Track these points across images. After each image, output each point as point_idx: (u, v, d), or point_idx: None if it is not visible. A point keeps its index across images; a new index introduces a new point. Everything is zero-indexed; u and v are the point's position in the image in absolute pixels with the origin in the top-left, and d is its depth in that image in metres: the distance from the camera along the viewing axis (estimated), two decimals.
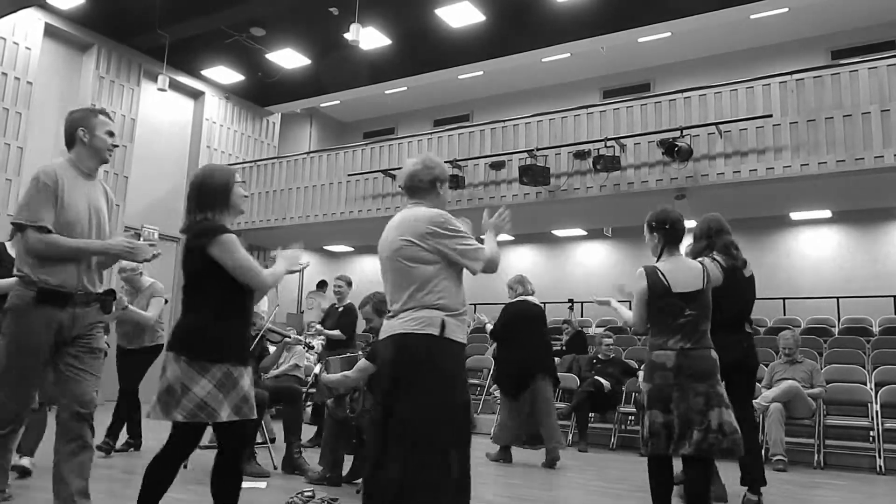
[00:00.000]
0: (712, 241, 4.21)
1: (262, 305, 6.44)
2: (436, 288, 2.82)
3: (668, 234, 3.54)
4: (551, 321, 12.35)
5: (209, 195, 2.83)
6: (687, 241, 3.78)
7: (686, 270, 3.49)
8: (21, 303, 2.92)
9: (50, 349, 2.95)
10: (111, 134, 3.20)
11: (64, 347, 2.97)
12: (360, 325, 13.25)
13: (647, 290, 3.45)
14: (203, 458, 5.46)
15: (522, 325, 6.32)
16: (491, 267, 2.94)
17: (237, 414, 2.70)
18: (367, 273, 16.46)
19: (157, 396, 2.69)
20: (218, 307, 2.73)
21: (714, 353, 3.44)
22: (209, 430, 4.36)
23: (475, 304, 13.12)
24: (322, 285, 13.68)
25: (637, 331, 3.59)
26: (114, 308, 4.36)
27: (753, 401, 6.57)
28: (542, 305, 6.74)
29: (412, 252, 2.83)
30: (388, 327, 2.88)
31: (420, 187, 2.99)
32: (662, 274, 3.44)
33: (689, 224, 4.49)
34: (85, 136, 3.14)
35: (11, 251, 4.02)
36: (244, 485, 4.54)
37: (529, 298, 6.42)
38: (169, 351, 2.72)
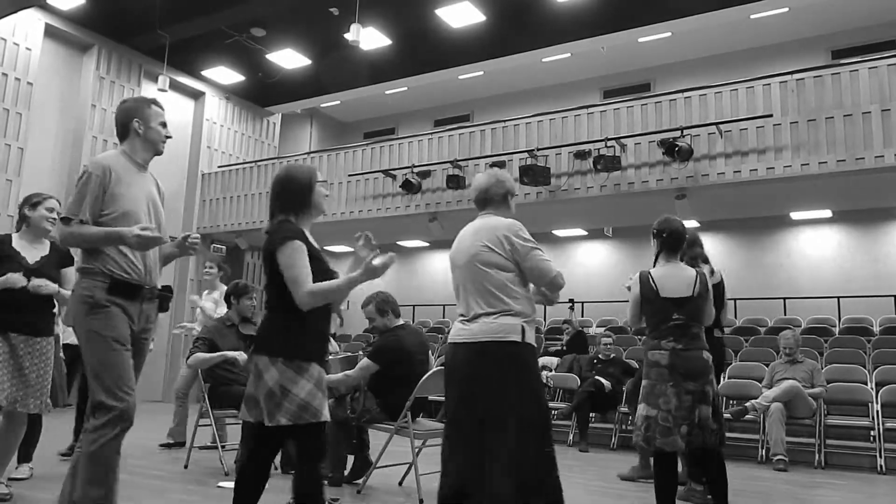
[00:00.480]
0: (683, 253, 4.43)
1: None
2: (512, 293, 3.00)
3: (665, 242, 3.79)
4: (552, 321, 12.38)
5: (292, 195, 2.81)
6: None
7: (678, 277, 3.72)
8: (94, 294, 2.80)
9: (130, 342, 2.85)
10: (164, 125, 3.13)
11: None
12: (362, 325, 13.15)
13: (639, 295, 3.74)
14: (203, 459, 5.47)
15: None
16: (557, 285, 3.09)
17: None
18: None
19: (261, 401, 2.63)
20: (295, 307, 2.69)
21: (707, 354, 3.67)
22: (205, 432, 4.32)
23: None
24: None
25: (631, 327, 3.83)
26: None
27: (754, 400, 6.66)
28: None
29: (489, 257, 3.02)
30: (466, 332, 3.01)
31: (494, 199, 3.26)
32: (653, 280, 3.71)
33: (691, 224, 4.54)
34: (140, 128, 3.05)
35: (17, 245, 3.85)
36: None
37: None
38: (260, 354, 2.68)
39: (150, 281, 2.97)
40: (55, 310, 3.99)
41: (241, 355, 5.08)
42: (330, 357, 5.01)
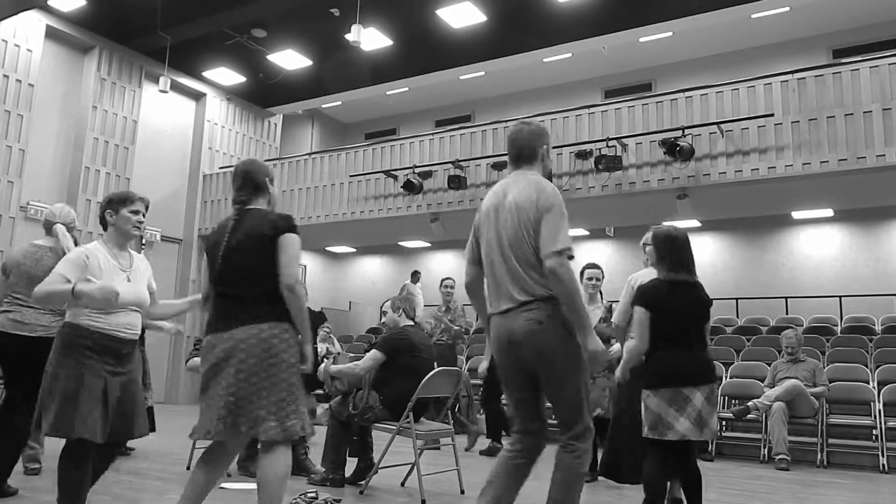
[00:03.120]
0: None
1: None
2: None
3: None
4: None
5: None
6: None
7: None
8: (566, 325, 2.78)
9: None
10: None
11: None
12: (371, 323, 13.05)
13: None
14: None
15: None
16: None
17: None
18: (368, 274, 16.49)
19: (692, 422, 3.32)
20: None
21: None
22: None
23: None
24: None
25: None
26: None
27: (756, 400, 6.67)
28: None
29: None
30: None
31: None
32: None
33: (691, 224, 4.55)
34: (545, 157, 2.89)
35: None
36: (246, 486, 4.55)
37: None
38: (706, 385, 3.37)
39: None
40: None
41: None
42: (339, 354, 5.03)
